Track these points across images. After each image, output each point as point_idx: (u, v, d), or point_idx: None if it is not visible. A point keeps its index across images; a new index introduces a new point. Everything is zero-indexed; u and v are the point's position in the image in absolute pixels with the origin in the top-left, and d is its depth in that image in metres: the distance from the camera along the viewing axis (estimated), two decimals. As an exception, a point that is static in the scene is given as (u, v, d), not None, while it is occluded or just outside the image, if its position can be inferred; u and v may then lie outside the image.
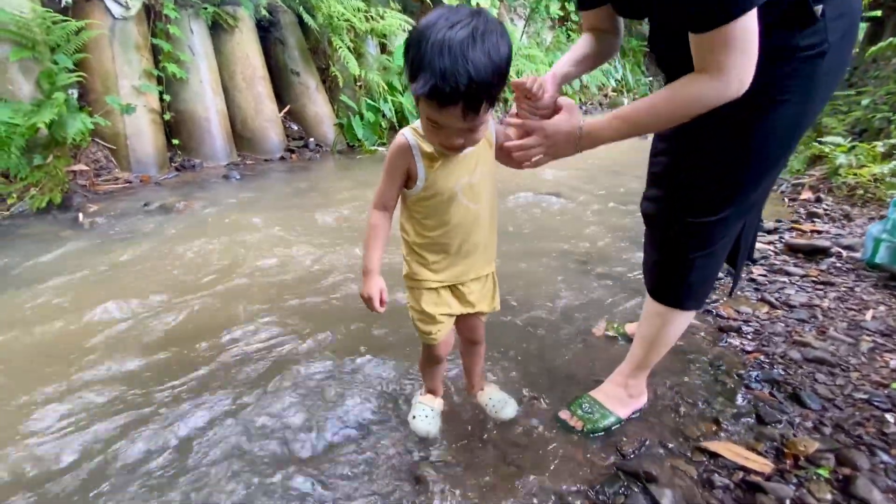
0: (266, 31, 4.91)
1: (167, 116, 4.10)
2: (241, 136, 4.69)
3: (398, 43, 5.72)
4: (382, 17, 5.29)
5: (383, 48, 5.81)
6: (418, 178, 1.03)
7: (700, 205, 1.10)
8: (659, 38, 1.07)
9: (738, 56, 0.84)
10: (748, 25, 0.82)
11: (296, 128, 5.25)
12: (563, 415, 1.35)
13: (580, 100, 10.04)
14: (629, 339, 1.69)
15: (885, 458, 1.18)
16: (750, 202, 1.12)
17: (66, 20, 3.21)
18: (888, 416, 1.33)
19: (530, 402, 1.42)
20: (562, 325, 1.84)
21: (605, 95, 10.93)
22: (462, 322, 1.25)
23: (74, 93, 3.49)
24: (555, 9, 9.21)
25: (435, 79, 0.80)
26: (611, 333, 1.76)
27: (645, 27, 10.33)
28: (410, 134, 1.02)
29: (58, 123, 2.99)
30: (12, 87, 3.11)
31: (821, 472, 1.14)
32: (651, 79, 12.45)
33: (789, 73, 0.95)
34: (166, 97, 4.05)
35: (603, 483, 1.15)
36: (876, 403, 1.38)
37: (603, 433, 1.29)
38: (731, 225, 1.13)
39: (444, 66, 0.80)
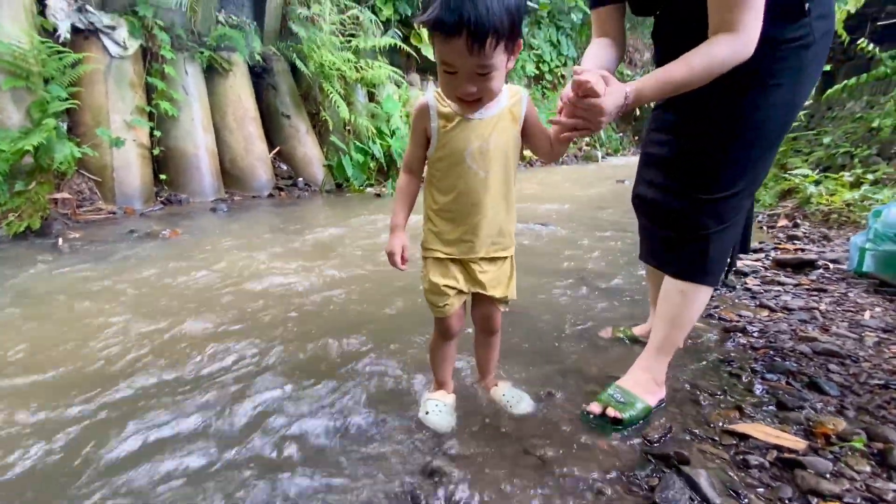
0: (259, 76, 5.09)
1: (156, 151, 4.10)
2: (229, 174, 4.70)
3: (386, 92, 5.98)
4: (371, 68, 5.57)
5: (371, 97, 6.05)
6: (432, 138, 1.04)
7: (713, 183, 1.16)
8: (667, 26, 1.15)
9: (753, 14, 0.93)
10: None
11: (285, 167, 5.31)
12: (594, 408, 1.24)
13: (558, 151, 10.50)
14: (636, 341, 1.66)
15: (916, 434, 1.14)
16: (759, 178, 1.20)
17: (62, 52, 3.27)
18: (909, 398, 1.30)
19: (546, 396, 1.35)
20: (565, 329, 1.80)
21: (580, 149, 11.52)
22: (477, 309, 1.22)
23: (64, 124, 3.48)
24: (531, 68, 9.88)
25: (442, 6, 0.83)
26: (619, 336, 1.72)
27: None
28: (431, 95, 1.05)
29: (45, 148, 2.95)
30: (2, 116, 3.09)
31: (856, 444, 1.09)
32: (621, 135, 13.25)
33: (779, 60, 1.06)
34: (157, 133, 4.07)
35: (634, 468, 1.07)
36: (893, 387, 1.36)
37: (638, 423, 1.22)
38: (744, 199, 1.20)
39: None
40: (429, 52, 6.75)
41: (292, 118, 5.24)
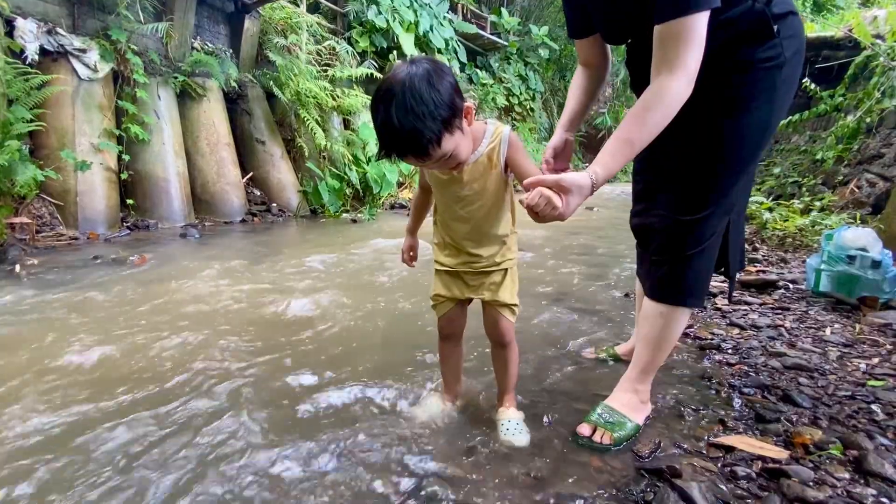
0: (234, 102, 5.08)
1: (124, 176, 3.98)
2: (200, 199, 4.60)
3: (361, 120, 6.07)
4: (347, 96, 5.65)
5: (347, 124, 6.12)
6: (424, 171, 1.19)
7: (693, 204, 1.18)
8: (639, 53, 1.23)
9: (693, 51, 0.97)
10: (703, 24, 0.97)
11: (258, 193, 5.24)
12: (584, 430, 1.26)
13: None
14: (619, 360, 1.70)
15: (884, 440, 1.21)
16: (731, 200, 1.22)
17: (28, 73, 3.17)
18: (874, 407, 1.38)
19: (535, 416, 1.36)
20: (548, 349, 1.83)
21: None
22: (484, 316, 1.28)
23: (26, 147, 3.34)
24: (501, 100, 10.25)
25: (380, 144, 0.96)
26: (602, 356, 1.76)
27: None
28: None
29: (5, 171, 2.83)
30: (-42, 137, 2.94)
31: (833, 451, 1.14)
32: (586, 165, 13.79)
33: (753, 82, 1.09)
34: (125, 157, 3.97)
35: (629, 484, 1.09)
36: (860, 398, 1.44)
37: (627, 443, 1.24)
38: (718, 220, 1.21)
39: (380, 133, 0.95)
40: (403, 83, 6.92)
41: (267, 144, 5.22)
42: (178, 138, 4.37)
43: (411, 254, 1.36)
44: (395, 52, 6.73)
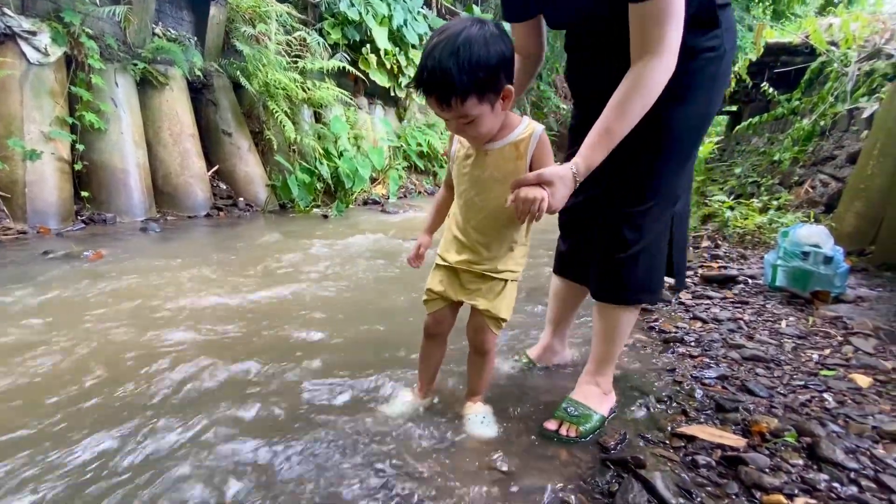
0: (199, 92, 4.89)
1: (78, 166, 3.77)
2: (162, 192, 4.41)
3: (333, 114, 5.95)
4: (318, 89, 5.52)
5: (318, 118, 5.99)
6: (452, 157, 1.17)
7: (635, 195, 1.18)
8: (583, 39, 1.21)
9: (674, 28, 0.96)
10: (674, 5, 0.95)
11: (224, 187, 5.07)
12: (551, 425, 1.26)
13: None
14: (535, 365, 1.63)
15: (835, 427, 1.27)
16: (674, 191, 1.21)
17: (-30, 56, 2.96)
18: (826, 396, 1.45)
19: (503, 411, 1.36)
20: (519, 343, 1.83)
21: (522, 175, 11.97)
22: (469, 322, 1.25)
23: (-33, 134, 3.12)
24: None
25: (418, 70, 0.96)
26: (522, 364, 1.64)
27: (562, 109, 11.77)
28: None
29: (-57, 159, 2.62)
30: None
31: (788, 439, 1.18)
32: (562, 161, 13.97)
33: (696, 70, 1.09)
34: (80, 146, 3.75)
35: (595, 475, 1.10)
36: (812, 387, 1.51)
37: (592, 435, 1.25)
38: (661, 212, 1.20)
39: (422, 63, 0.96)
40: (377, 77, 6.83)
41: (233, 135, 5.05)
42: (137, 128, 4.17)
43: (420, 251, 1.29)
44: (367, 45, 6.63)
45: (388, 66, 6.97)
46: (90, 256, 2.77)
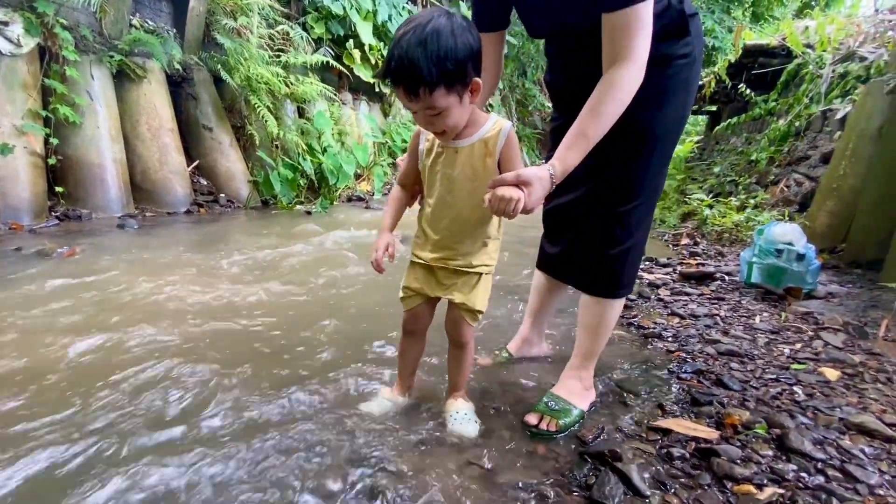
0: (178, 85, 4.79)
1: (52, 161, 3.66)
2: (140, 188, 4.31)
3: (317, 109, 5.88)
4: (301, 84, 5.45)
5: (301, 113, 5.92)
6: (418, 155, 1.16)
7: (624, 195, 1.24)
8: (564, 45, 1.24)
9: (643, 38, 1.00)
10: (650, 12, 1.00)
11: (205, 183, 4.99)
12: (531, 419, 1.28)
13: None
14: (514, 360, 1.66)
15: (804, 419, 1.32)
16: (657, 190, 1.30)
17: (-64, 45, 2.85)
18: (796, 389, 1.50)
19: (484, 408, 1.37)
20: (500, 340, 1.85)
21: (508, 172, 12.03)
22: (447, 316, 1.26)
23: (-67, 126, 3.01)
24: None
25: (386, 60, 0.96)
26: (501, 360, 1.66)
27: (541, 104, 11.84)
28: None
29: None
30: None
31: (759, 430, 1.22)
32: (544, 161, 14.07)
33: (671, 76, 1.16)
34: (53, 140, 3.65)
35: (573, 468, 1.12)
36: (783, 381, 1.55)
37: (571, 429, 1.27)
38: (647, 210, 1.28)
39: (390, 53, 0.95)
40: (361, 72, 6.78)
41: (214, 130, 4.96)
42: (114, 122, 4.06)
43: (388, 251, 1.21)
44: (351, 40, 6.57)
45: (373, 62, 6.92)
46: (64, 254, 2.70)
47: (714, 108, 6.73)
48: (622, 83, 1.02)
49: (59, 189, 3.75)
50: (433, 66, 0.92)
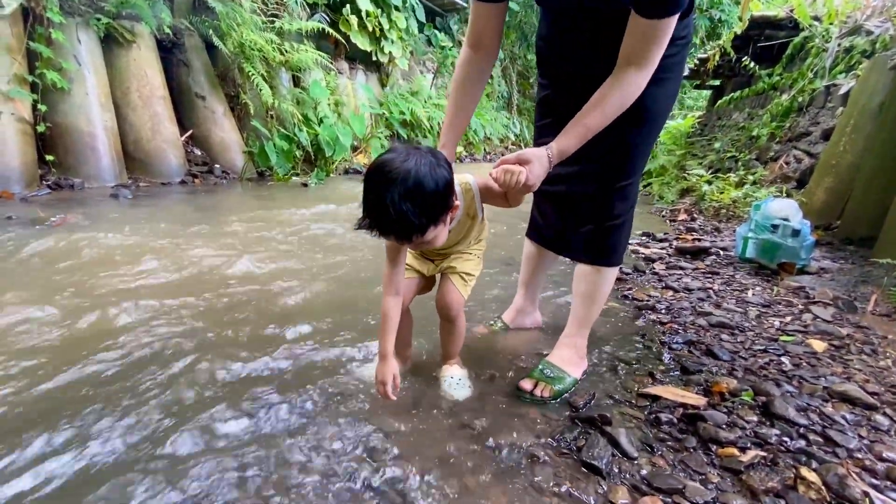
0: (169, 51, 4.66)
1: (41, 128, 3.59)
2: (133, 157, 4.26)
3: (312, 78, 5.75)
4: (297, 51, 5.31)
5: (297, 82, 5.79)
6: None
7: (624, 169, 1.28)
8: (569, 24, 1.23)
9: (661, 50, 1.03)
10: (675, 23, 1.01)
11: (199, 153, 4.92)
12: (526, 385, 1.31)
13: (484, 149, 10.82)
14: (509, 329, 1.69)
15: (789, 388, 1.35)
16: (645, 165, 1.37)
17: (-85, 4, 2.74)
18: (783, 359, 1.53)
19: (479, 374, 1.40)
20: (498, 309, 1.87)
21: (507, 147, 11.95)
22: (439, 288, 1.29)
23: (-83, 89, 2.93)
24: (459, 65, 10.00)
25: (368, 221, 0.94)
26: (496, 329, 1.69)
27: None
28: None
29: None
30: None
31: (745, 397, 1.25)
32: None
33: (672, 56, 1.17)
34: (42, 107, 3.57)
35: (563, 432, 1.15)
36: (772, 351, 1.58)
37: (564, 395, 1.30)
38: (637, 183, 1.35)
39: (372, 205, 0.92)
40: (358, 40, 6.60)
41: (207, 99, 4.86)
42: (103, 88, 3.97)
43: (396, 383, 1.13)
44: (348, 6, 6.37)
45: (370, 29, 6.74)
46: (56, 222, 2.68)
47: (717, 82, 6.60)
48: (632, 89, 1.06)
49: (49, 157, 3.69)
50: (424, 216, 0.93)
